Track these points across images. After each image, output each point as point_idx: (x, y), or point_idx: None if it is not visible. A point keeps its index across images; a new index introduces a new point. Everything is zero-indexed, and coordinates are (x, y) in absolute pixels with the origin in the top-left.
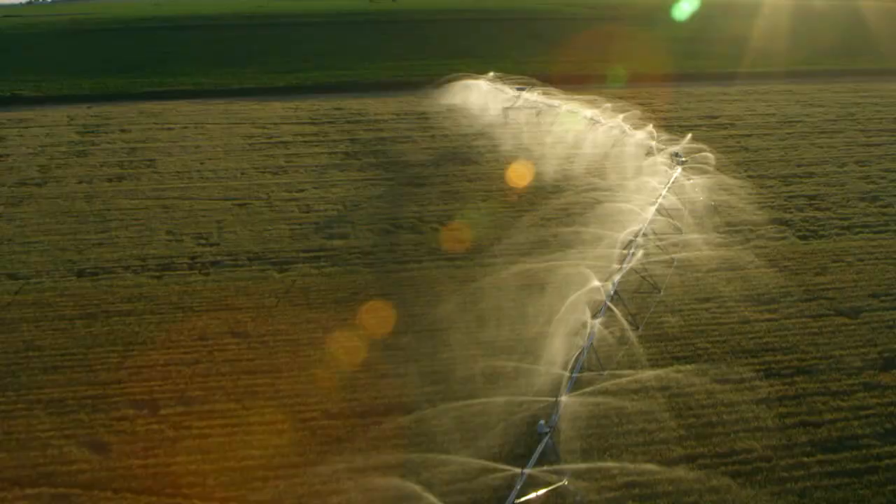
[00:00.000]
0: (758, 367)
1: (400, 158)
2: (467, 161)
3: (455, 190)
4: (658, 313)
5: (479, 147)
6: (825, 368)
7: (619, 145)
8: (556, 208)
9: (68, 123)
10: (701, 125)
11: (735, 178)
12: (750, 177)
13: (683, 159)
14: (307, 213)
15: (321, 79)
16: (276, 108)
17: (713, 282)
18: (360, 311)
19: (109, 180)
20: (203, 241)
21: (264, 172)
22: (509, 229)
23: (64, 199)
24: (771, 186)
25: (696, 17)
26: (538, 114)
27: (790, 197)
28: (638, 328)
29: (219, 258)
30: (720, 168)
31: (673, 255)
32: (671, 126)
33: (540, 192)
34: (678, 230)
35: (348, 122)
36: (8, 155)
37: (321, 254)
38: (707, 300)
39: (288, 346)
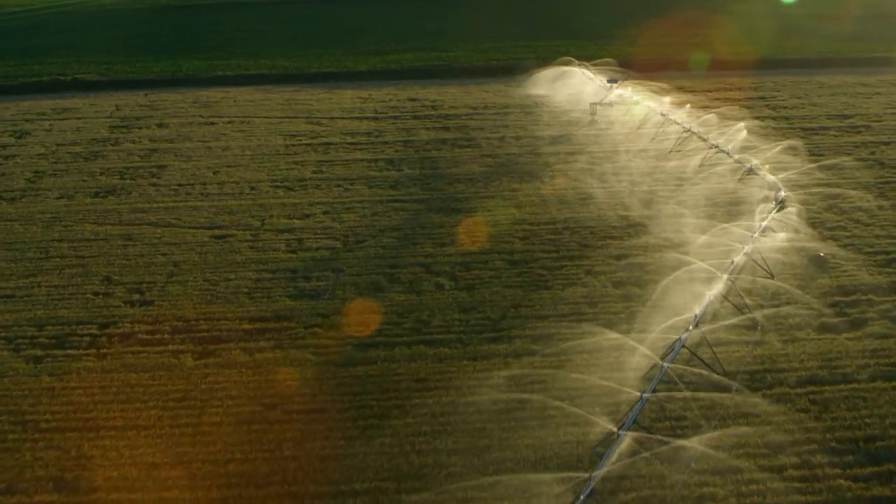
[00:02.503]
0: None
1: (448, 169)
2: (526, 176)
3: (493, 220)
4: (691, 481)
5: (548, 156)
6: None
7: (715, 165)
8: (609, 258)
9: (110, 115)
10: (829, 127)
11: (857, 214)
12: (881, 208)
13: (783, 195)
14: (294, 251)
15: (410, 62)
16: (345, 98)
17: (793, 408)
18: (260, 444)
19: (96, 195)
20: (136, 297)
21: (279, 187)
22: (538, 291)
23: (23, 222)
24: None
25: None
26: (627, 113)
27: None
28: None
29: (136, 328)
30: (839, 198)
31: (734, 385)
32: (792, 129)
33: (599, 228)
34: (753, 325)
35: (415, 116)
36: (15, 156)
37: (271, 325)
38: (777, 451)
39: None
